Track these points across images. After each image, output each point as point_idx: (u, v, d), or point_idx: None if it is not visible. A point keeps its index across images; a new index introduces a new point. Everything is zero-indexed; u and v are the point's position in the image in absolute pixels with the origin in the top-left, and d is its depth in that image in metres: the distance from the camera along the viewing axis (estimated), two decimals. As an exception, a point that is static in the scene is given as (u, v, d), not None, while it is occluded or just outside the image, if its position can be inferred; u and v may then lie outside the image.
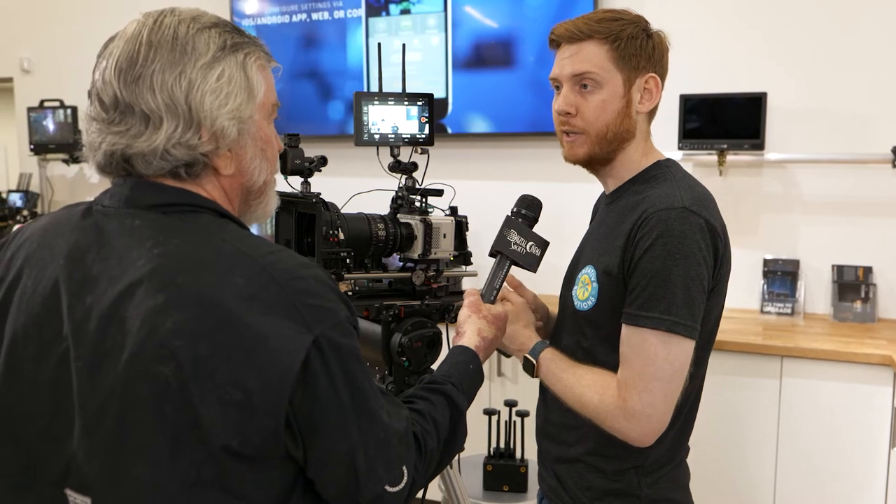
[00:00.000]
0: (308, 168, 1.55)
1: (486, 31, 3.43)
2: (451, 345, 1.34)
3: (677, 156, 3.06)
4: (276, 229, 1.59)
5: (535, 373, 1.42)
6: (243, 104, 0.98)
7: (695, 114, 3.05)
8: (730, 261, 1.36)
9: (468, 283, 1.77)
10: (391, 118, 1.63)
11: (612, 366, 1.34)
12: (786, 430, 2.66)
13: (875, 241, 3.03)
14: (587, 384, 1.34)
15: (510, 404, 2.51)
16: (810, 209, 3.10)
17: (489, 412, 2.54)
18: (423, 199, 1.65)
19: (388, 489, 0.99)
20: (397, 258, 1.64)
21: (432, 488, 1.59)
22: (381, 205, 1.65)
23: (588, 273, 1.38)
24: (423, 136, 1.66)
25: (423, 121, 1.66)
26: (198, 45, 0.95)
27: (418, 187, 1.66)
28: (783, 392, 2.66)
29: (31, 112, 4.35)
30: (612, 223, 1.39)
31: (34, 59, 4.57)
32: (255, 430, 0.89)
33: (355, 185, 1.77)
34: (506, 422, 2.52)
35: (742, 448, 2.74)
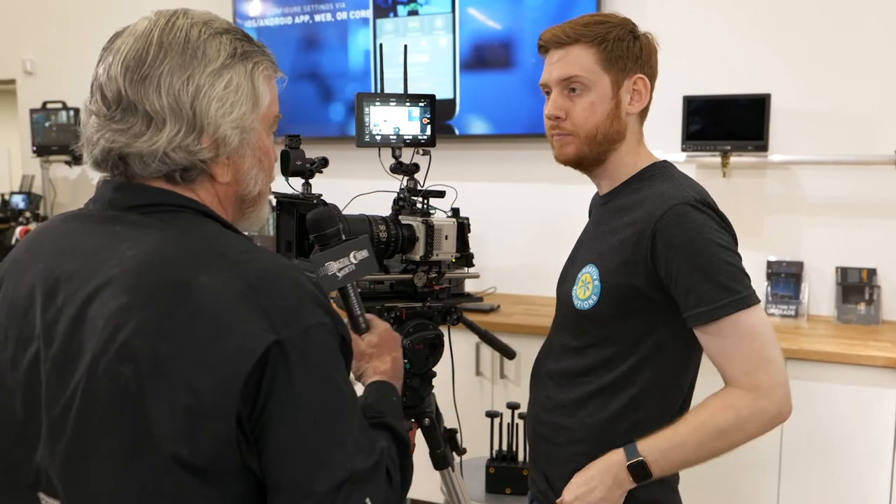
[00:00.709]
0: (309, 169, 1.54)
1: (487, 33, 3.42)
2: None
3: (680, 157, 3.05)
4: (276, 231, 1.58)
5: (648, 472, 1.30)
6: (247, 114, 0.97)
7: (698, 115, 3.04)
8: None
9: (470, 285, 1.77)
10: (393, 119, 1.62)
11: (602, 366, 1.35)
12: (790, 433, 2.65)
13: (879, 242, 3.01)
14: (707, 418, 1.28)
15: (512, 407, 2.50)
16: (814, 211, 3.09)
17: (491, 415, 2.53)
18: (425, 201, 1.65)
19: None
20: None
21: (434, 491, 1.58)
22: (382, 206, 1.64)
23: (589, 272, 1.38)
24: (425, 138, 1.66)
25: (425, 122, 1.66)
26: (208, 51, 0.94)
27: (420, 189, 1.65)
28: (787, 394, 2.65)
29: (33, 114, 4.35)
30: (613, 222, 1.39)
31: (37, 60, 4.58)
32: (204, 436, 0.84)
33: (357, 187, 1.77)
34: (508, 424, 2.51)
35: (746, 451, 2.70)
